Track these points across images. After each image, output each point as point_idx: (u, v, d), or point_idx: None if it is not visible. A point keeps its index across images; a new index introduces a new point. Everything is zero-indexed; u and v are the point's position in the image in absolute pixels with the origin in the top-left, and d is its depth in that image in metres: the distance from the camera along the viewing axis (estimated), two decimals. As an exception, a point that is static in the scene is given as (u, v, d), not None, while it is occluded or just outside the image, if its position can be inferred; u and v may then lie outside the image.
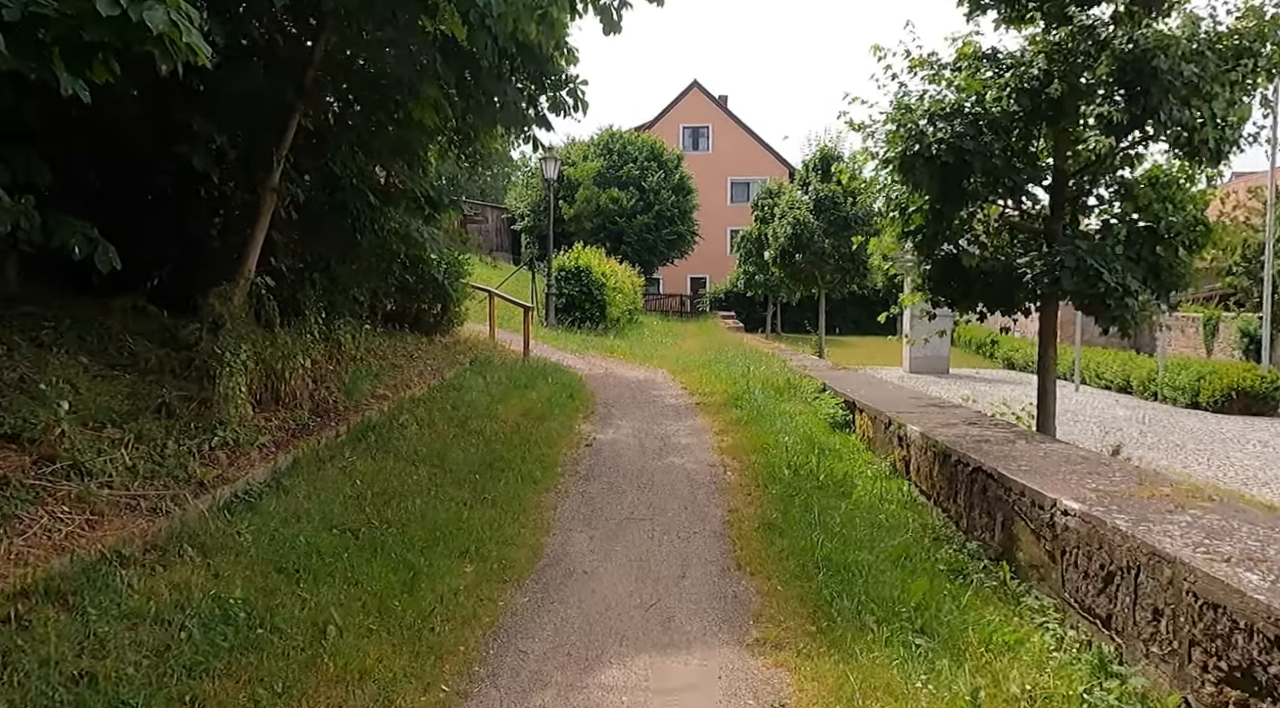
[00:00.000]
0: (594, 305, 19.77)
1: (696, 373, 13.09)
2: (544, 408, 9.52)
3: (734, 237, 42.67)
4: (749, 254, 29.11)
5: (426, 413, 8.36)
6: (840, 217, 19.16)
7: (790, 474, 6.68)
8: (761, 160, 43.89)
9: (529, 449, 7.54)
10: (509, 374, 11.44)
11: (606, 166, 34.22)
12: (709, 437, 8.57)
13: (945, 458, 5.39)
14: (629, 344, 18.10)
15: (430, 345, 12.16)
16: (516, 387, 10.68)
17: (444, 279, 12.69)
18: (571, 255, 20.17)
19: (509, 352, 13.98)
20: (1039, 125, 6.79)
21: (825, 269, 19.49)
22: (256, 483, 5.49)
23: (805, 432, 8.15)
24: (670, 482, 6.81)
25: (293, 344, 7.37)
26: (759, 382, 11.26)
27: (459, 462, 6.87)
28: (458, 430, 7.98)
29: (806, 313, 37.87)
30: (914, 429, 6.16)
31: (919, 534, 5.16)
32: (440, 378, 10.21)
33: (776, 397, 10.21)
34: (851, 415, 8.37)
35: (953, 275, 7.63)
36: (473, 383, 10.38)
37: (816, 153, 20.24)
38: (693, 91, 46.13)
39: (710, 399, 10.71)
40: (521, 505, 5.93)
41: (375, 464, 6.54)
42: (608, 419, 9.52)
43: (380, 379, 8.99)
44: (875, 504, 5.89)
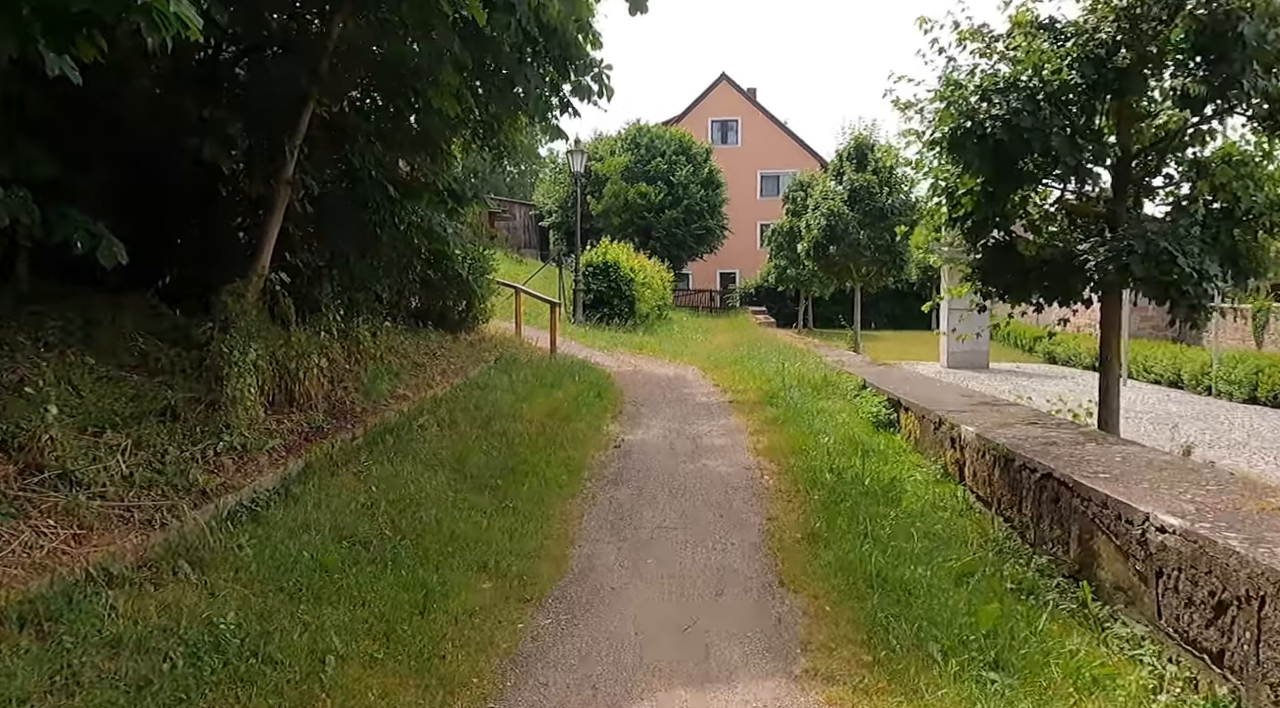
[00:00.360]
0: (622, 301, 19.38)
1: (728, 370, 12.64)
2: (570, 408, 9.14)
3: (764, 231, 42.11)
4: (780, 248, 28.51)
5: (448, 414, 8.02)
6: (876, 207, 18.53)
7: (833, 478, 6.23)
8: (792, 153, 43.20)
9: (554, 452, 7.16)
10: (535, 372, 11.07)
11: (634, 161, 33.83)
12: (744, 437, 8.13)
13: (1007, 462, 4.91)
14: (658, 340, 17.68)
15: (455, 343, 11.84)
16: (542, 385, 10.32)
17: (468, 275, 12.37)
18: (599, 251, 19.80)
19: (535, 349, 13.63)
20: (1102, 99, 6.25)
21: (860, 261, 18.89)
22: (264, 491, 5.16)
23: (846, 432, 7.68)
24: (704, 487, 6.38)
25: (308, 343, 7.05)
26: (794, 378, 10.79)
27: (480, 466, 6.51)
28: (480, 432, 7.62)
29: (839, 308, 37.14)
30: (968, 430, 5.68)
31: (980, 547, 4.69)
32: (464, 377, 9.88)
33: (814, 394, 9.73)
34: (895, 414, 7.88)
35: (1006, 264, 7.12)
36: (497, 382, 10.03)
37: (851, 142, 19.64)
38: (721, 84, 45.55)
39: (744, 397, 10.26)
40: (545, 514, 5.55)
41: (392, 469, 6.20)
42: (637, 419, 9.12)
43: (401, 379, 8.67)
44: (928, 512, 5.42)
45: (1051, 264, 6.77)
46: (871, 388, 8.86)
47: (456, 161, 13.07)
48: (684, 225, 33.36)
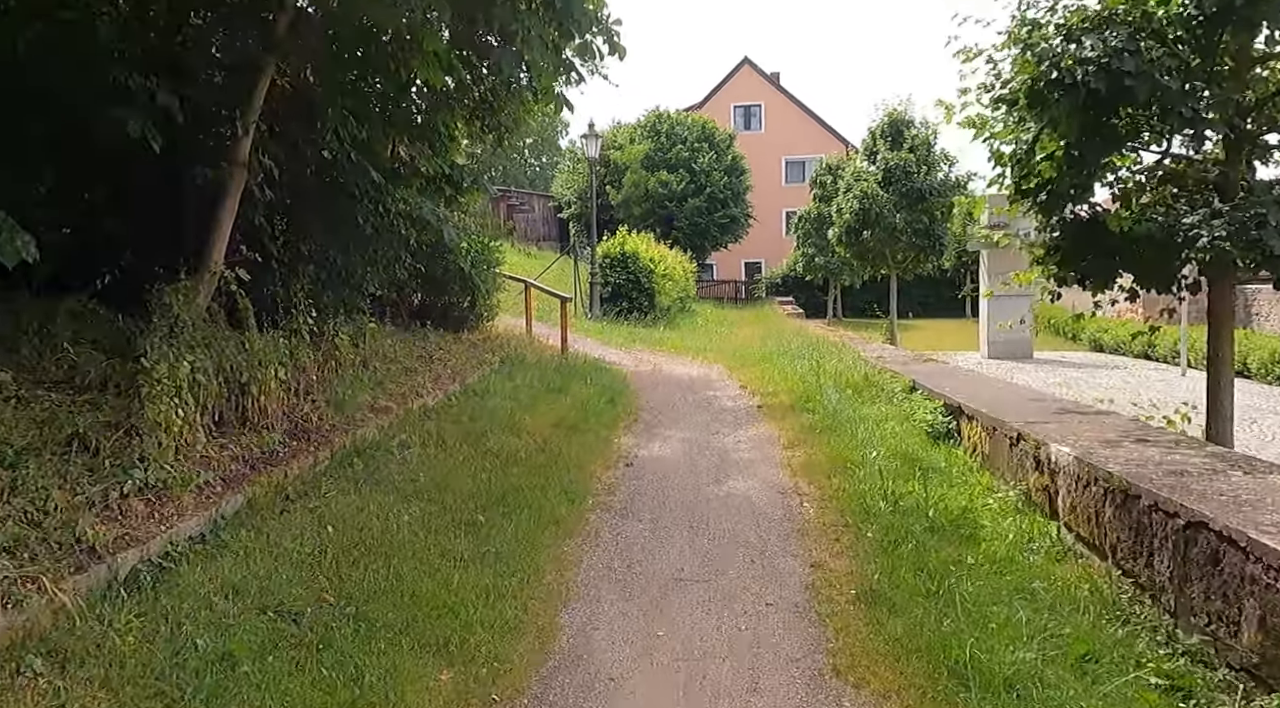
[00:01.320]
0: (641, 294, 18.27)
1: (757, 368, 11.50)
2: (578, 417, 8.08)
3: (790, 218, 40.75)
4: (808, 235, 27.23)
5: (436, 428, 7.00)
6: (913, 188, 17.20)
7: (888, 508, 5.11)
8: (818, 138, 41.79)
9: (554, 473, 6.10)
10: (542, 375, 10.03)
11: (654, 149, 32.68)
12: (777, 450, 7.02)
13: (1127, 498, 3.76)
14: (680, 336, 16.56)
15: (455, 344, 10.83)
16: (549, 391, 9.27)
17: (470, 269, 11.35)
18: (616, 241, 18.69)
19: (546, 348, 12.59)
20: (1218, 35, 5.03)
21: (897, 247, 17.56)
22: (182, 540, 4.15)
23: (897, 445, 6.54)
24: (731, 518, 5.29)
25: (267, 350, 6.04)
26: (831, 378, 9.63)
27: (465, 493, 5.47)
28: (470, 450, 6.58)
29: (870, 296, 35.76)
30: (1062, 451, 4.52)
31: (1097, 615, 3.55)
32: (460, 383, 8.85)
33: (855, 397, 8.58)
34: (955, 423, 6.73)
35: (1089, 243, 5.93)
36: (498, 387, 9.00)
37: (885, 118, 18.27)
38: (743, 69, 44.20)
39: (775, 401, 9.13)
40: (534, 562, 4.49)
41: (357, 501, 5.18)
42: (653, 429, 8.03)
43: (384, 388, 7.65)
44: (1015, 557, 4.28)
45: (1148, 242, 5.57)
46: (923, 391, 7.69)
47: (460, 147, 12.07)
48: (707, 214, 32.15)
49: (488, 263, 11.88)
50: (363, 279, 8.50)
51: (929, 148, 17.59)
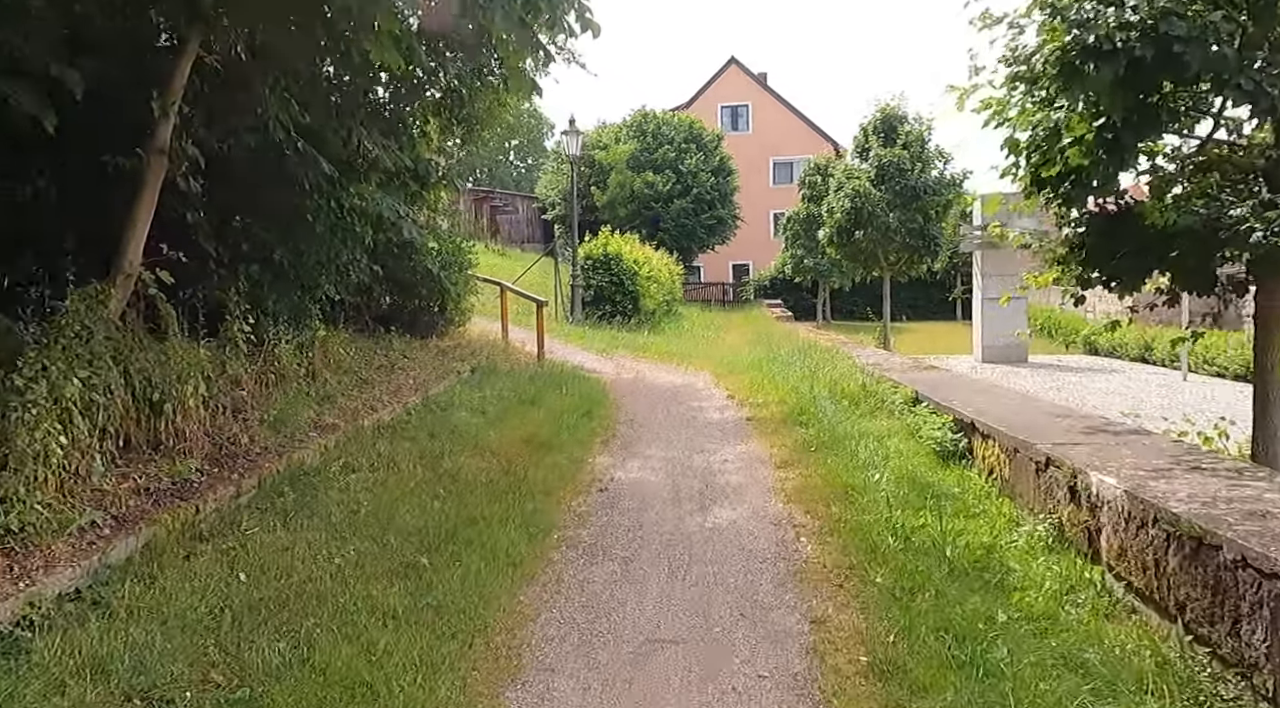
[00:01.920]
0: (625, 297, 17.54)
1: (745, 376, 10.80)
2: (551, 432, 7.35)
3: (778, 220, 40.11)
4: (796, 236, 26.62)
5: (388, 448, 6.26)
6: (907, 186, 16.51)
7: (898, 545, 4.41)
8: (806, 139, 41.19)
9: (518, 501, 5.37)
10: (514, 385, 9.30)
11: (640, 149, 31.97)
12: (768, 471, 6.31)
13: (1200, 548, 3.07)
14: (665, 341, 15.85)
15: (422, 351, 10.08)
16: (521, 402, 8.54)
17: (441, 271, 10.61)
18: (599, 242, 17.95)
19: (522, 355, 11.86)
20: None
21: (890, 248, 16.89)
22: (48, 600, 3.40)
23: (903, 466, 5.84)
24: (717, 557, 4.57)
25: (187, 363, 5.29)
26: (826, 387, 8.95)
27: (411, 528, 4.74)
28: (425, 473, 5.85)
29: (859, 299, 35.13)
30: (1106, 482, 3.84)
31: (1168, 696, 2.86)
32: (423, 394, 8.11)
33: (852, 409, 7.89)
34: (967, 441, 6.04)
35: (1119, 239, 5.26)
36: (465, 399, 8.26)
37: (877, 114, 17.58)
38: (730, 69, 43.59)
39: (765, 412, 8.43)
40: (482, 616, 3.75)
41: (283, 539, 4.45)
42: (633, 446, 7.31)
43: (332, 402, 6.90)
44: (1055, 613, 3.58)
45: (1187, 237, 4.90)
46: (928, 403, 7.00)
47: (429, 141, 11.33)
48: (694, 215, 31.44)
49: (459, 265, 11.13)
50: (314, 282, 7.75)
51: (923, 144, 16.93)
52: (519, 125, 63.86)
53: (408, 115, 10.30)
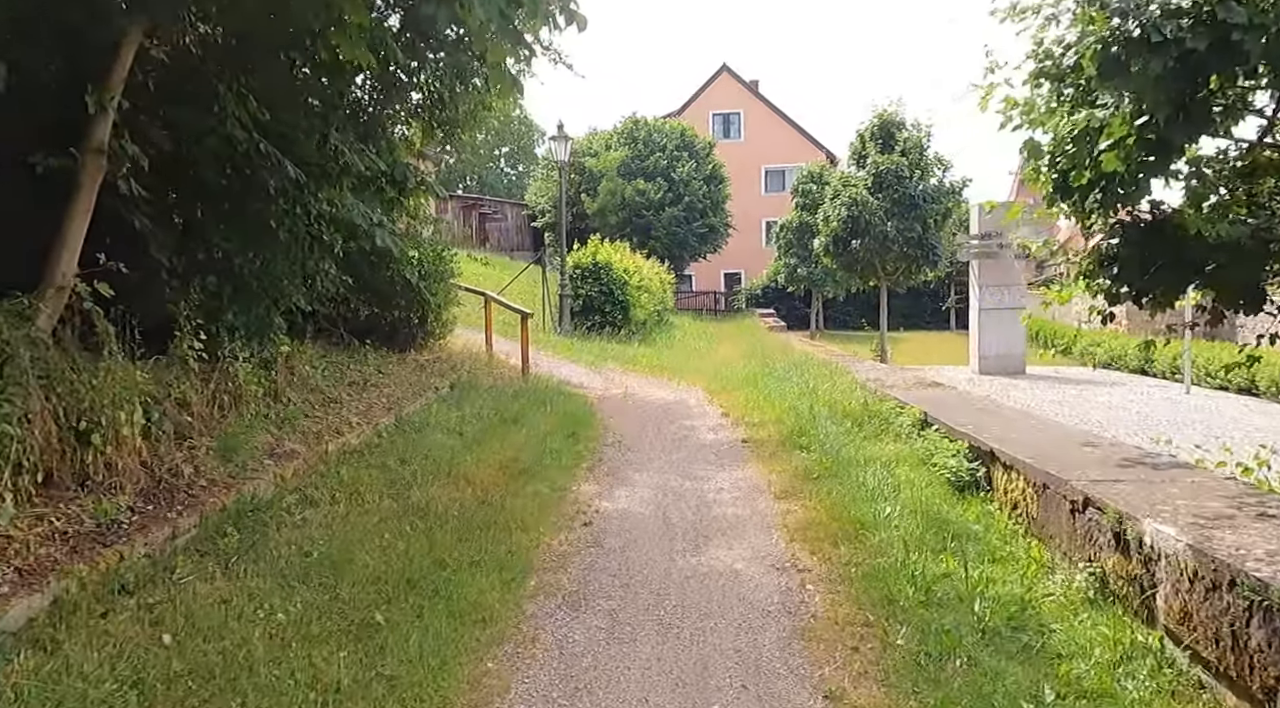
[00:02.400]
0: (615, 307, 17.03)
1: (740, 392, 10.30)
2: (532, 456, 6.82)
3: (770, 228, 39.75)
4: (790, 245, 26.22)
5: (351, 477, 5.72)
6: (905, 194, 16.06)
7: (918, 596, 3.90)
8: (798, 147, 40.88)
9: (492, 539, 4.84)
10: (496, 403, 8.76)
11: (631, 156, 31.57)
12: (768, 503, 5.79)
13: (1294, 624, 2.57)
14: (656, 353, 15.33)
15: (399, 366, 9.53)
16: (502, 422, 8.00)
17: (420, 281, 10.07)
18: (589, 250, 17.44)
19: (506, 368, 11.33)
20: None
21: (888, 257, 16.43)
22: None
23: (917, 498, 5.34)
24: (714, 612, 4.04)
25: (125, 386, 4.74)
26: (825, 405, 8.45)
27: (369, 575, 4.19)
28: (391, 506, 5.31)
29: (852, 308, 34.77)
30: (1163, 532, 3.33)
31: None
32: (397, 414, 7.56)
33: (855, 431, 7.39)
34: (985, 470, 5.54)
35: (1155, 250, 4.78)
36: (442, 419, 7.72)
37: (875, 120, 17.13)
38: (722, 76, 43.30)
39: (762, 433, 7.91)
40: (441, 690, 3.21)
41: (222, 589, 3.91)
42: (620, 472, 6.77)
43: (294, 425, 6.35)
44: (1109, 688, 3.07)
45: (1232, 250, 4.42)
46: (940, 426, 6.50)
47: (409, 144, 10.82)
48: (685, 224, 31.03)
49: (440, 274, 10.59)
50: (279, 293, 7.21)
51: (922, 151, 16.49)
52: (509, 132, 63.49)
53: (386, 118, 9.81)
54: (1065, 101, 4.69)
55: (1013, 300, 20.13)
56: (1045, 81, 4.87)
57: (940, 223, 16.32)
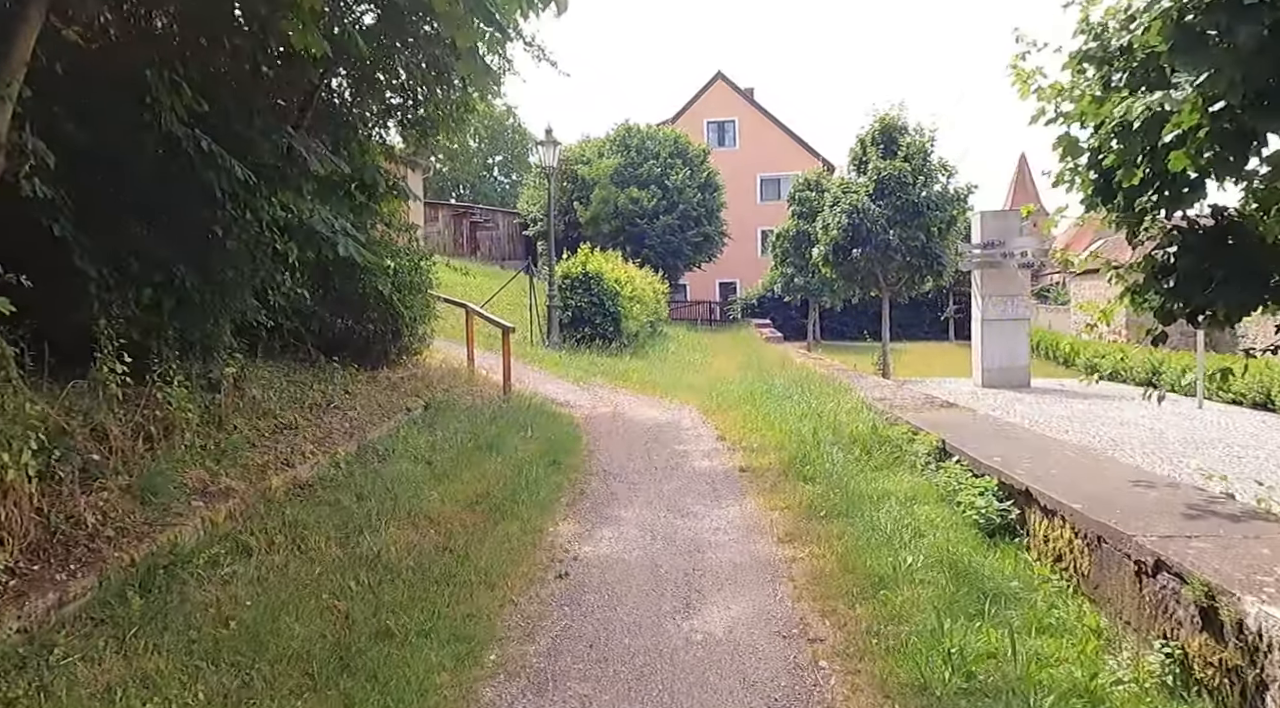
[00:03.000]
0: (606, 319, 16.34)
1: (737, 411, 9.61)
2: (507, 489, 6.12)
3: (766, 237, 39.17)
4: (786, 254, 25.60)
5: (296, 519, 5.01)
6: (908, 201, 15.40)
7: (958, 682, 3.20)
8: (794, 155, 40.29)
9: (451, 598, 4.14)
10: (473, 425, 8.06)
11: (624, 164, 30.94)
12: (771, 548, 5.09)
13: None
14: (648, 367, 14.64)
15: (370, 385, 8.82)
16: (477, 448, 7.30)
17: (394, 293, 9.38)
18: (578, 259, 16.76)
19: (488, 386, 10.63)
20: None
21: (890, 267, 15.76)
22: None
23: (941, 544, 4.64)
24: (711, 701, 3.34)
25: (13, 422, 4.02)
26: (830, 428, 7.76)
27: (296, 650, 3.49)
28: (338, 555, 4.61)
29: (849, 319, 34.14)
30: (1274, 618, 2.65)
31: None
32: (360, 440, 6.86)
33: (864, 459, 6.70)
34: (1019, 511, 4.85)
35: (1222, 259, 4.12)
36: (410, 445, 7.02)
37: (876, 124, 16.46)
38: (717, 83, 42.78)
39: (762, 460, 7.22)
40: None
41: (111, 674, 3.20)
42: (604, 508, 6.07)
43: (234, 457, 5.63)
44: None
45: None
46: (961, 458, 5.81)
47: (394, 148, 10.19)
48: (680, 232, 30.38)
49: (415, 285, 9.90)
50: (227, 307, 6.52)
51: (925, 156, 15.86)
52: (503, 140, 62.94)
53: (360, 120, 9.14)
54: (1116, 89, 4.02)
55: (1016, 311, 19.52)
56: (1089, 66, 4.22)
57: (945, 231, 15.69)
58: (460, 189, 61.95)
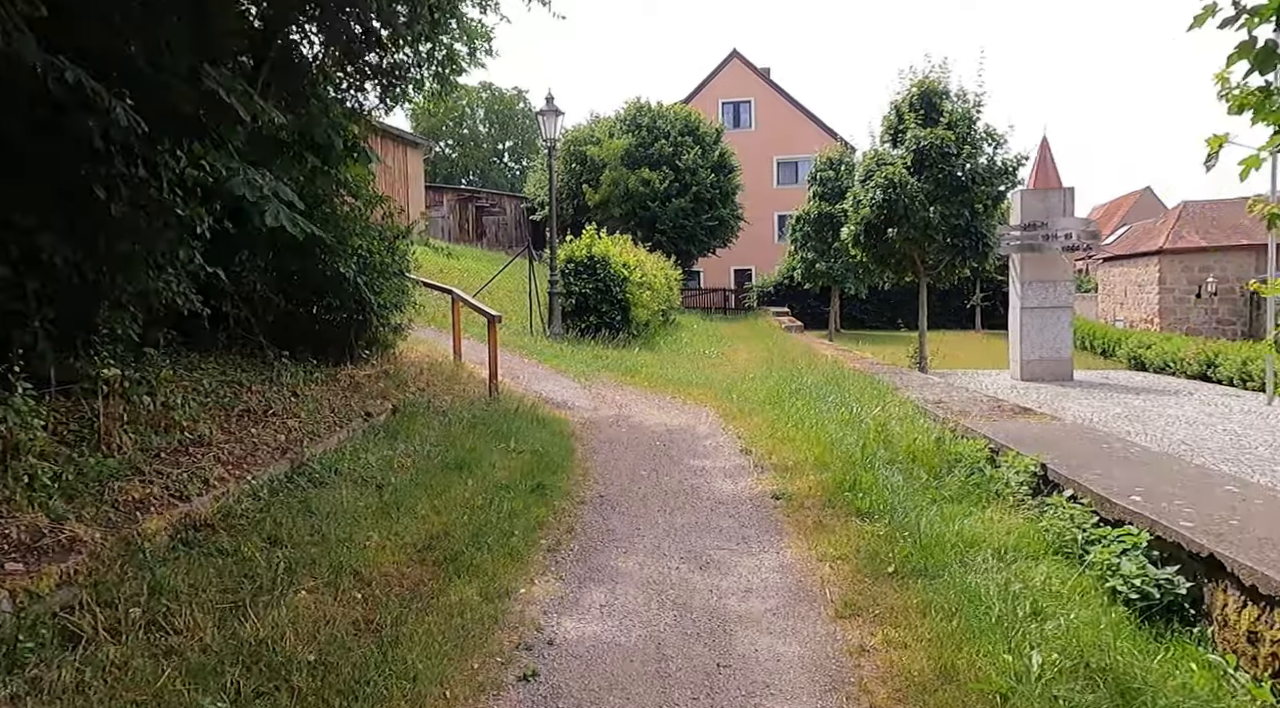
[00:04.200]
0: (613, 307, 14.87)
1: (762, 416, 8.14)
2: (472, 527, 4.68)
3: (783, 222, 37.48)
4: (807, 238, 23.98)
5: (162, 584, 3.59)
6: (951, 175, 13.71)
7: None
8: (812, 137, 38.54)
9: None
10: (446, 435, 6.65)
11: (635, 144, 29.36)
12: (826, 629, 3.62)
13: None
14: (659, 360, 13.15)
15: (326, 384, 7.41)
16: (445, 467, 5.87)
17: (357, 275, 7.94)
18: (583, 242, 15.27)
19: (475, 383, 9.20)
20: None
21: (930, 248, 14.11)
22: None
23: (1074, 632, 3.17)
24: None
25: None
26: (879, 439, 6.29)
27: None
28: (210, 645, 3.20)
29: (870, 306, 32.50)
30: None
31: None
32: (297, 457, 5.44)
33: (931, 483, 5.23)
34: (1194, 585, 3.37)
35: None
36: (360, 463, 5.61)
37: (914, 89, 14.75)
38: (732, 63, 41.02)
39: (799, 484, 5.75)
40: None
41: None
42: (596, 553, 4.62)
43: (101, 489, 4.21)
44: None
45: None
46: (1079, 492, 4.31)
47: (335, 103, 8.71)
48: (693, 216, 28.83)
49: (385, 269, 8.43)
50: (111, 288, 5.12)
51: (970, 124, 14.19)
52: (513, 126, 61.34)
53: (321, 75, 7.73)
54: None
55: (1059, 298, 17.90)
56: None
57: (991, 208, 14.06)
58: (470, 175, 60.50)
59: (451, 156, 62.47)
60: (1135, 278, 30.44)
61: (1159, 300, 28.83)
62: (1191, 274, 28.35)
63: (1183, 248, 27.83)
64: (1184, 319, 28.04)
